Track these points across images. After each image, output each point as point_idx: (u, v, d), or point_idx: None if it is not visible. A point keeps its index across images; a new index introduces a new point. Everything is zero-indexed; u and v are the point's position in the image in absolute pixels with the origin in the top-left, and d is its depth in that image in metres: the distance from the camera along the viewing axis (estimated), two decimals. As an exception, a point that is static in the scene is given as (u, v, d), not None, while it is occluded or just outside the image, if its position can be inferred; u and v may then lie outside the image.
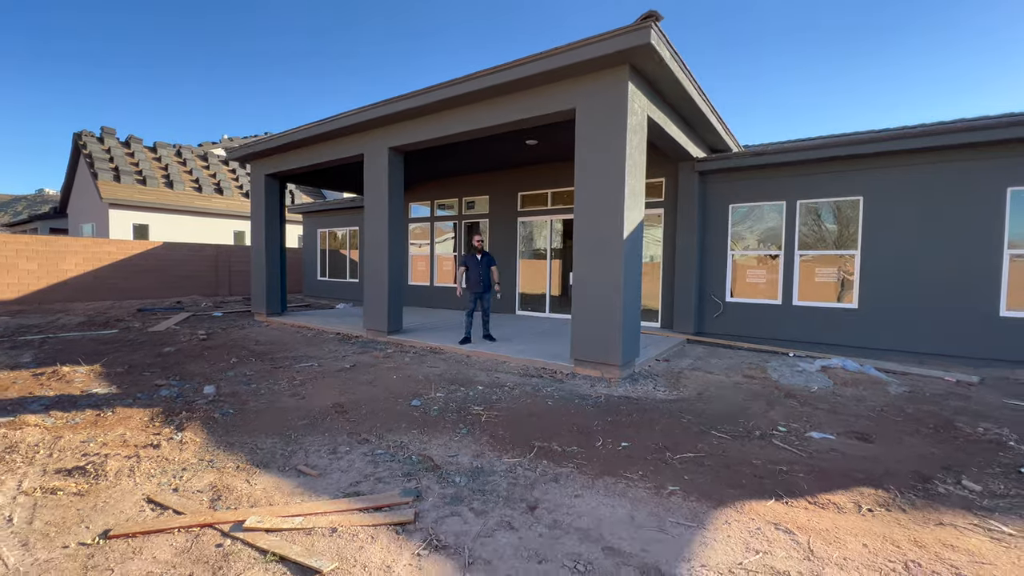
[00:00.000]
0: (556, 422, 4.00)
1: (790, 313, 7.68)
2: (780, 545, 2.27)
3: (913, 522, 2.50)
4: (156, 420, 4.00)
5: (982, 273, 6.31)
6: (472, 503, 2.66)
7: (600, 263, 5.44)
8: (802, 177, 7.51)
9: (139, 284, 14.35)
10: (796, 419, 4.14)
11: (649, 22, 4.69)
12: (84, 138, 17.96)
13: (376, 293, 7.95)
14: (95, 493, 2.76)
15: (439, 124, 6.95)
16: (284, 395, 4.78)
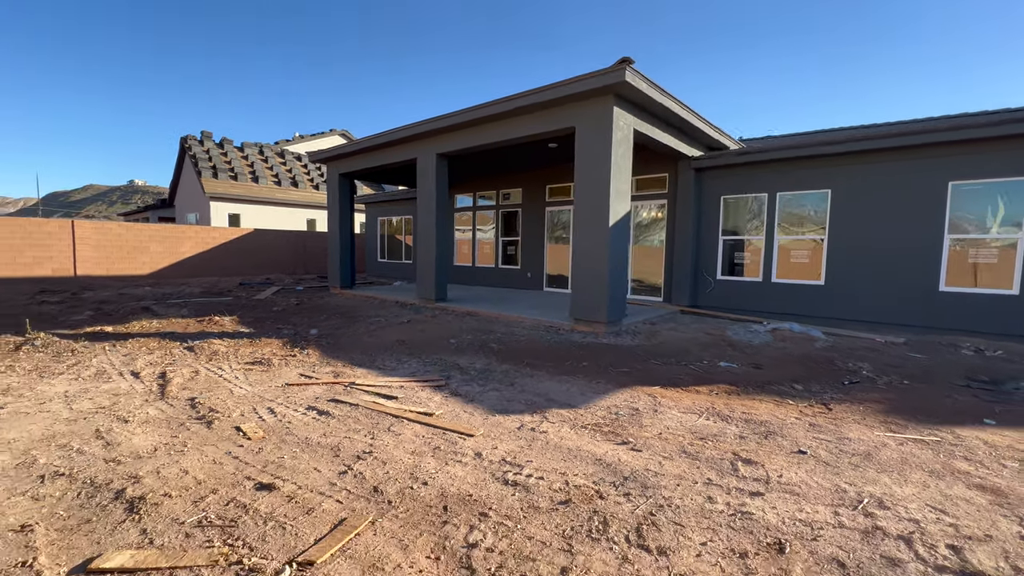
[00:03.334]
0: (543, 352, 5.86)
1: (769, 289, 9.02)
2: (643, 401, 4.04)
3: (737, 398, 4.18)
4: (287, 345, 6.23)
5: (927, 254, 7.45)
6: (478, 381, 4.60)
7: (591, 245, 7.17)
8: (780, 172, 8.77)
9: (236, 263, 17.42)
10: (719, 357, 5.76)
11: (624, 65, 6.32)
12: (189, 141, 21.38)
13: (426, 270, 10.05)
14: (271, 371, 4.94)
15: (475, 136, 8.82)
16: (363, 336, 6.93)
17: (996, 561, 1.94)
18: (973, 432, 3.38)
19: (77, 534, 2.09)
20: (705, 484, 2.59)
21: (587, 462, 2.86)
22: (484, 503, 2.37)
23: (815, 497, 2.46)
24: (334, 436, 3.23)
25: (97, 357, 5.36)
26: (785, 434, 3.32)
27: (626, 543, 2.06)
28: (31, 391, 4.12)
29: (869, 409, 3.91)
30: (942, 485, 2.59)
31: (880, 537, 2.11)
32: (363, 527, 2.14)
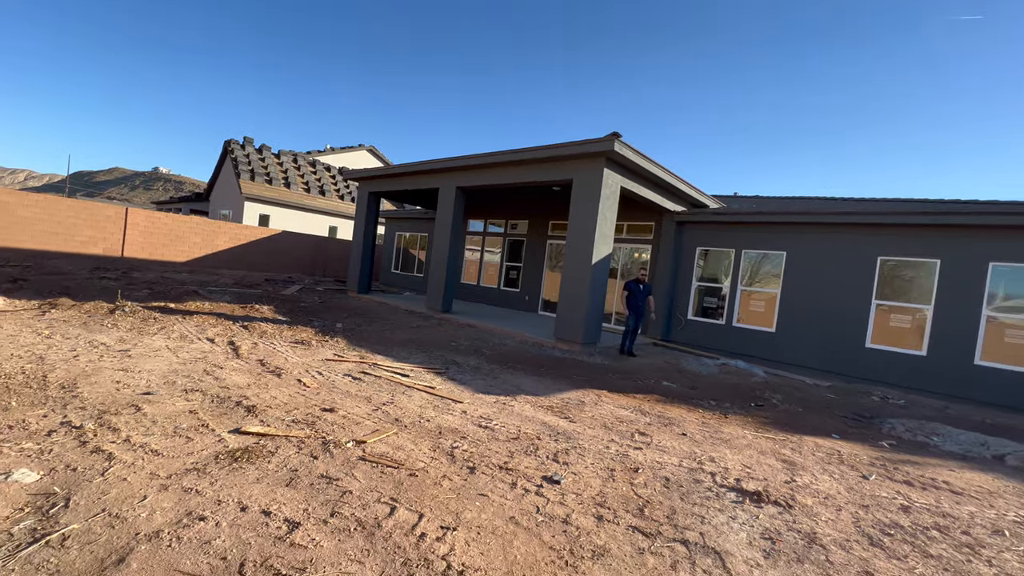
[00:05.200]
0: (526, 359, 7.27)
1: (731, 332, 10.40)
2: (590, 397, 5.44)
3: (661, 404, 5.55)
4: (319, 333, 7.69)
5: (858, 315, 8.84)
6: (470, 373, 6.01)
7: (576, 277, 8.65)
8: (746, 233, 10.27)
9: (262, 260, 19.03)
10: (666, 379, 7.13)
11: (614, 138, 7.92)
12: (232, 144, 23.36)
13: (436, 284, 11.55)
14: (310, 350, 6.38)
15: (490, 176, 10.43)
16: (380, 332, 8.38)
17: (756, 484, 3.31)
18: (814, 439, 4.74)
19: (222, 418, 3.52)
20: (608, 441, 3.99)
21: (536, 423, 4.26)
22: (464, 433, 3.79)
23: (674, 453, 3.85)
24: (366, 391, 4.65)
25: (175, 325, 6.84)
26: (680, 425, 4.71)
27: (546, 457, 3.46)
28: (140, 342, 5.59)
29: (755, 420, 5.28)
30: (761, 457, 3.97)
31: (699, 472, 3.49)
32: (390, 433, 3.56)
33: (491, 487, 2.91)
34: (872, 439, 5.04)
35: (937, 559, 2.64)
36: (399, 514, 2.47)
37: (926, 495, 3.57)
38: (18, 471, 2.43)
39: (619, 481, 3.22)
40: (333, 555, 2.08)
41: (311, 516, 2.36)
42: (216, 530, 2.16)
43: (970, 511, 3.34)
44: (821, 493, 3.37)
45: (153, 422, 3.28)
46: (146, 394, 3.83)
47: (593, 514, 2.73)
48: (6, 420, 3.04)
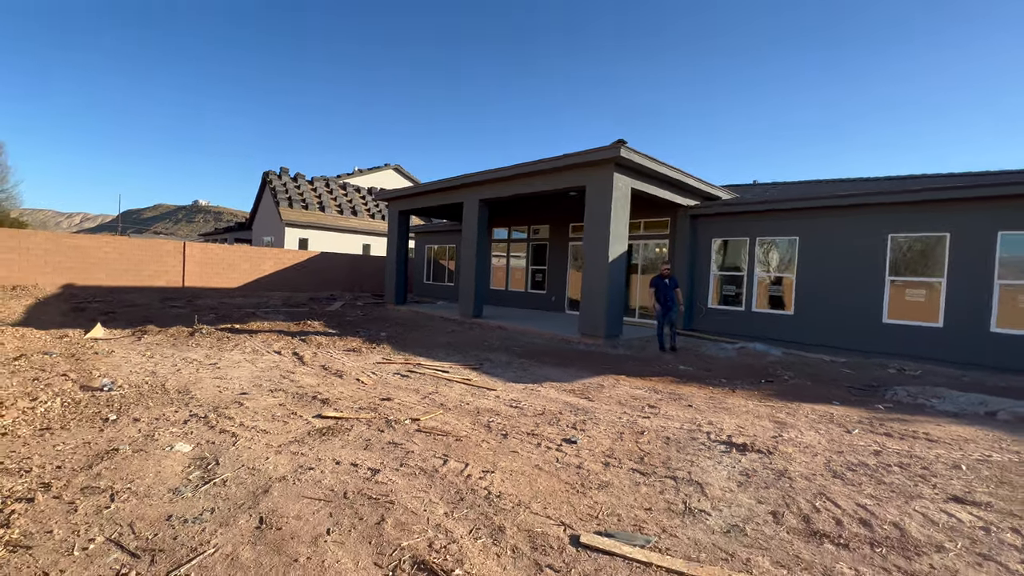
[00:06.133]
0: (553, 353, 7.99)
1: (751, 317, 10.80)
2: (609, 381, 6.11)
3: (674, 384, 6.16)
4: (366, 342, 8.63)
5: (873, 293, 9.13)
6: (501, 367, 6.79)
7: (595, 276, 9.31)
8: (757, 221, 10.67)
9: (305, 281, 20.45)
10: (684, 363, 7.70)
11: (619, 145, 8.58)
12: (270, 175, 25.14)
13: (466, 292, 12.41)
14: (362, 355, 7.31)
15: (509, 187, 11.23)
16: (420, 338, 9.27)
17: (745, 438, 3.92)
18: (812, 406, 5.27)
19: (305, 408, 4.41)
20: (620, 413, 4.67)
21: (559, 403, 4.98)
22: (497, 411, 4.56)
23: (677, 419, 4.50)
24: (413, 385, 5.50)
25: (246, 342, 7.92)
26: (688, 399, 5.33)
27: (566, 426, 4.19)
28: (223, 357, 6.63)
29: (761, 393, 5.83)
30: (756, 420, 4.56)
31: (697, 432, 4.14)
32: (437, 414, 4.37)
33: (520, 447, 3.66)
34: (871, 404, 5.51)
35: (888, 485, 3.21)
36: (450, 464, 3.26)
37: (901, 443, 4.09)
38: (177, 444, 3.36)
39: (626, 441, 3.91)
40: (406, 488, 2.88)
41: (386, 466, 3.17)
42: (322, 475, 3.00)
43: (937, 453, 3.86)
44: (802, 444, 3.96)
45: (255, 412, 4.20)
46: (243, 394, 4.79)
47: (601, 462, 3.44)
48: (152, 415, 4.01)
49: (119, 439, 3.46)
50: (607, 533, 2.48)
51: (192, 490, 2.75)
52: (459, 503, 2.74)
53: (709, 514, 2.75)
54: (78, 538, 2.26)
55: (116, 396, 4.49)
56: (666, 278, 8.96)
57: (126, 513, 2.49)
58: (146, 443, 3.41)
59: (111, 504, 2.57)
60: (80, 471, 2.94)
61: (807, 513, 2.79)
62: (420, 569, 2.11)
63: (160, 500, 2.64)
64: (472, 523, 2.53)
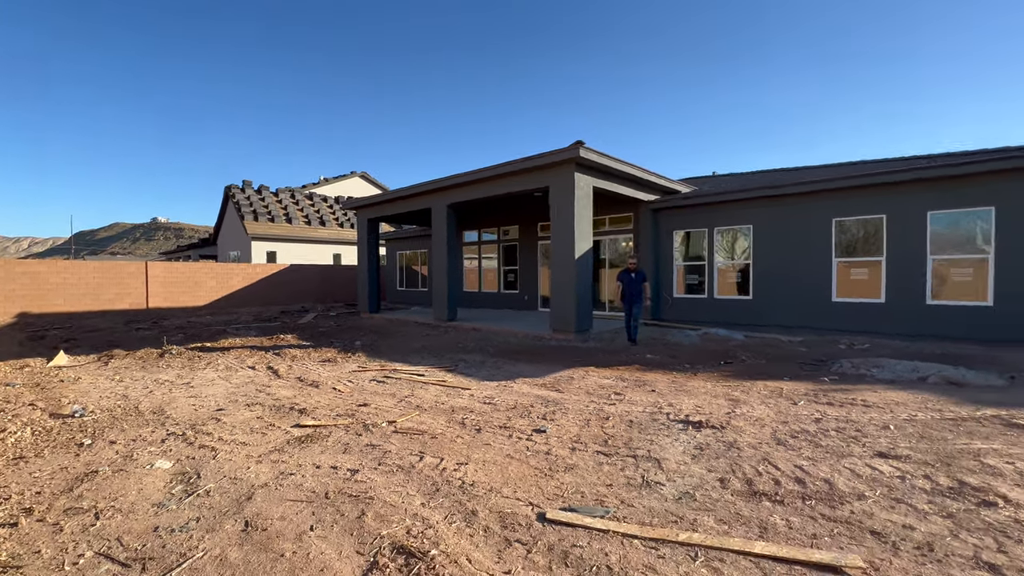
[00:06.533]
0: (526, 351, 8.23)
1: (713, 304, 11.31)
2: (579, 373, 6.39)
3: (640, 372, 6.49)
4: (341, 351, 8.69)
5: (822, 274, 9.72)
6: (476, 366, 6.99)
7: (563, 273, 9.60)
8: (715, 212, 11.19)
9: (275, 294, 20.14)
10: (650, 351, 8.06)
11: (578, 145, 8.90)
12: (232, 189, 24.60)
13: (439, 296, 12.54)
14: (337, 365, 7.39)
15: (476, 190, 11.43)
16: (395, 345, 9.37)
17: (701, 416, 4.25)
18: (764, 383, 5.67)
19: (283, 419, 4.52)
20: (588, 402, 4.95)
21: (531, 397, 5.23)
22: (471, 408, 4.76)
23: (640, 404, 4.80)
24: (390, 390, 5.65)
25: (218, 360, 7.88)
26: (652, 385, 5.65)
27: (537, 417, 4.43)
28: (196, 376, 6.62)
29: (720, 374, 6.21)
30: (713, 399, 4.91)
31: (658, 414, 4.44)
32: (413, 415, 4.54)
33: (493, 439, 3.88)
34: (818, 378, 5.95)
35: (824, 447, 3.57)
36: (426, 459, 3.45)
37: (840, 410, 4.50)
38: (157, 462, 3.44)
39: (592, 426, 4.18)
40: (384, 485, 3.06)
41: (365, 466, 3.34)
42: (303, 479, 3.15)
43: (871, 417, 4.27)
44: (752, 418, 4.31)
45: (233, 426, 4.29)
46: (219, 410, 4.85)
47: (569, 447, 3.69)
48: (128, 436, 4.05)
49: (97, 462, 3.52)
50: (571, 508, 2.72)
51: (176, 503, 2.86)
52: (435, 494, 2.94)
53: (664, 485, 3.03)
54: (67, 555, 2.36)
55: (88, 421, 4.49)
56: (633, 272, 9.08)
57: (112, 528, 2.60)
58: (125, 463, 3.48)
59: (96, 522, 2.67)
60: (61, 494, 3.00)
61: (750, 477, 3.10)
62: (399, 553, 2.30)
63: (145, 514, 2.75)
64: (447, 510, 2.73)
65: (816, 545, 2.33)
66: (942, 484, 2.94)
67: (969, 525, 2.49)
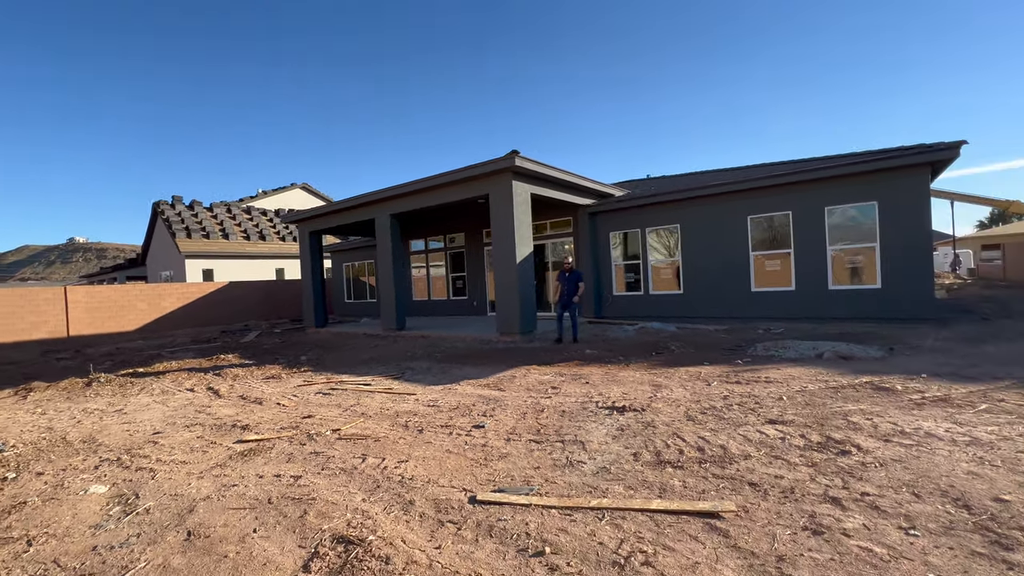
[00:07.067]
0: (473, 355, 8.49)
1: (649, 299, 12.04)
2: (521, 371, 6.73)
3: (578, 366, 6.92)
4: (286, 367, 8.59)
5: (741, 266, 10.64)
6: (422, 372, 7.17)
7: (506, 277, 9.95)
8: (646, 214, 11.95)
9: (214, 314, 19.25)
10: (590, 347, 8.54)
11: (514, 155, 9.30)
12: (161, 206, 23.26)
13: (387, 306, 12.56)
14: (282, 381, 7.34)
15: (418, 200, 11.59)
16: (341, 358, 9.36)
17: (626, 401, 4.69)
18: (687, 368, 6.24)
19: (224, 436, 4.54)
20: (527, 397, 5.28)
21: (473, 397, 5.50)
22: (415, 412, 4.98)
23: (574, 395, 5.19)
24: (335, 400, 5.74)
25: (153, 384, 7.60)
26: (587, 378, 6.08)
27: (477, 415, 4.71)
28: (128, 403, 6.39)
29: (650, 364, 6.74)
30: (639, 386, 5.38)
31: (588, 403, 4.84)
32: (358, 421, 4.70)
33: (434, 438, 4.13)
34: (733, 361, 6.61)
35: (726, 420, 4.08)
36: (368, 461, 3.65)
37: (746, 387, 5.08)
38: (92, 487, 3.42)
39: (528, 418, 4.51)
40: (327, 486, 3.23)
41: (308, 472, 3.49)
42: (246, 489, 3.26)
43: (770, 391, 4.87)
44: (671, 399, 4.80)
45: (172, 447, 4.27)
46: (156, 433, 4.78)
47: (504, 439, 4.00)
48: (57, 467, 3.96)
49: (24, 494, 3.45)
50: (499, 490, 3.02)
51: (115, 523, 2.91)
52: (375, 490, 3.15)
53: (585, 463, 3.39)
54: (1, 581, 2.39)
55: (10, 456, 4.31)
56: (568, 271, 9.41)
57: (47, 553, 2.63)
58: (56, 492, 3.43)
59: (29, 548, 2.68)
60: (-13, 527, 2.96)
61: (659, 449, 3.53)
62: (339, 542, 2.51)
63: (82, 536, 2.78)
64: (386, 503, 2.96)
65: (703, 498, 2.76)
66: (813, 441, 3.49)
67: (826, 470, 3.01)
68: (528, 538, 2.45)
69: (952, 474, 2.85)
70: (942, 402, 4.20)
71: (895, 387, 4.70)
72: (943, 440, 3.35)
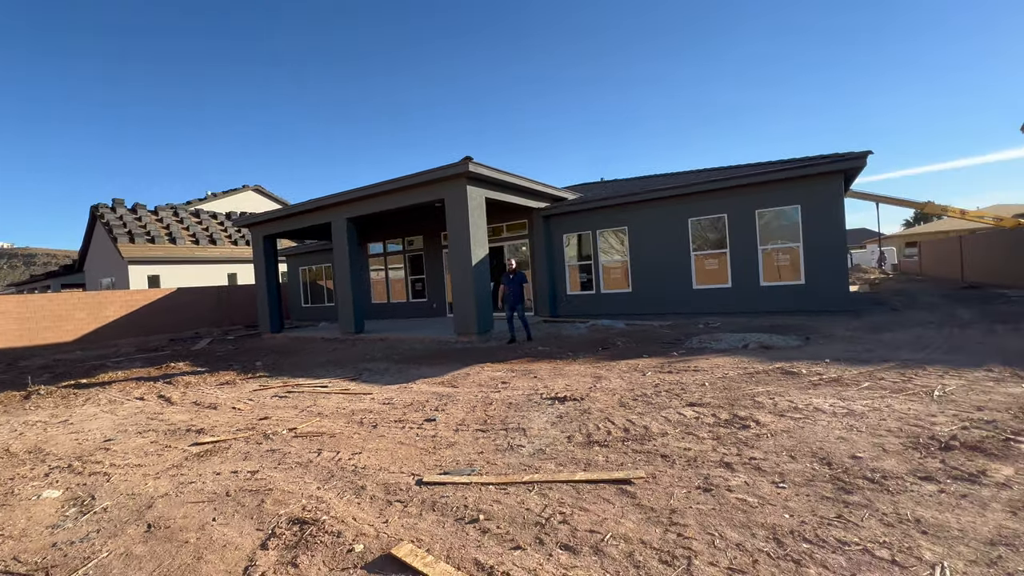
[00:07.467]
0: (430, 355, 8.75)
1: (601, 298, 12.64)
2: (475, 369, 7.06)
3: (530, 363, 7.32)
4: (240, 374, 8.56)
5: (684, 265, 11.38)
6: (379, 373, 7.38)
7: (462, 279, 10.26)
8: (597, 216, 12.55)
9: (161, 322, 18.52)
10: (542, 345, 8.97)
11: (467, 161, 9.62)
12: (101, 209, 22.08)
13: (345, 310, 12.59)
14: (237, 386, 7.36)
15: (375, 204, 11.71)
16: (299, 362, 9.39)
17: (568, 392, 5.11)
18: (627, 361, 6.76)
19: (180, 440, 4.63)
20: (479, 393, 5.62)
21: (427, 394, 5.79)
22: (371, 409, 5.22)
23: (522, 389, 5.58)
24: (292, 403, 5.89)
25: (99, 394, 7.43)
26: (535, 373, 6.49)
27: (430, 410, 5.01)
28: (74, 413, 6.28)
29: (596, 358, 7.23)
30: (581, 378, 5.83)
31: (534, 395, 5.24)
32: (314, 420, 4.90)
33: (387, 432, 4.40)
34: (670, 353, 7.19)
35: (653, 404, 4.56)
36: (323, 454, 3.89)
37: (676, 376, 5.62)
38: (45, 492, 3.50)
39: (477, 411, 4.85)
40: (283, 479, 3.46)
41: (265, 467, 3.70)
42: (204, 485, 3.44)
43: (695, 378, 5.42)
44: (608, 389, 5.26)
45: (126, 453, 4.34)
46: (107, 440, 4.81)
47: (453, 430, 4.33)
48: (4, 476, 3.97)
49: (-28, 503, 3.48)
50: (444, 472, 3.35)
51: (72, 522, 3.04)
52: (330, 479, 3.41)
53: (524, 447, 3.77)
54: (-39, 579, 2.51)
55: (-49, 469, 4.26)
56: (512, 274, 9.60)
57: (6, 552, 2.74)
58: (6, 499, 3.49)
59: (-13, 549, 2.78)
60: (-62, 534, 3.02)
61: (591, 432, 3.95)
62: (294, 523, 2.77)
63: (39, 536, 2.90)
64: (340, 489, 3.23)
65: (621, 470, 3.18)
66: (722, 419, 4.00)
67: (726, 442, 3.51)
68: (466, 509, 2.80)
69: (825, 440, 3.41)
70: (834, 382, 4.85)
71: (800, 371, 5.35)
72: (826, 413, 3.94)
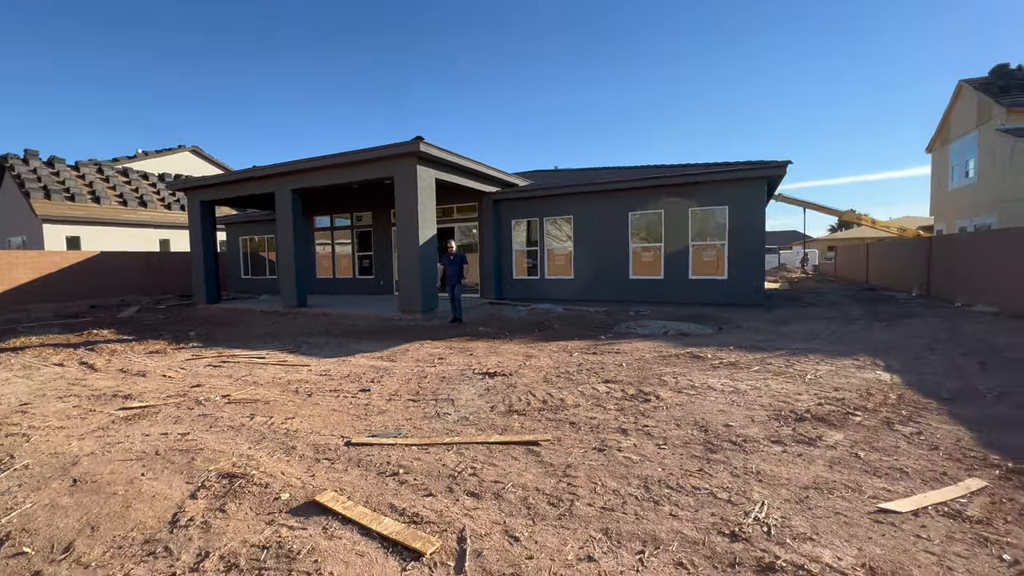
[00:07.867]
0: (372, 331, 8.88)
1: (545, 283, 13.14)
2: (415, 346, 7.31)
3: (469, 341, 7.65)
4: (172, 343, 8.34)
5: (623, 256, 12.05)
6: (319, 347, 7.46)
7: (409, 258, 10.38)
8: (545, 204, 12.95)
9: (82, 287, 17.26)
10: (485, 325, 9.32)
11: (418, 141, 9.67)
12: (10, 160, 19.99)
13: (287, 282, 12.36)
14: (168, 356, 7.21)
15: (322, 177, 11.49)
16: (235, 333, 9.23)
17: (499, 368, 5.49)
18: (559, 343, 7.25)
19: (105, 405, 4.61)
20: (414, 367, 5.90)
21: (366, 367, 5.99)
22: (307, 380, 5.37)
23: (456, 364, 5.91)
24: (227, 372, 5.91)
25: (11, 360, 7.04)
26: (472, 351, 6.83)
27: (366, 381, 5.23)
28: (-16, 377, 5.96)
29: (531, 339, 7.67)
30: (514, 357, 6.24)
31: (467, 370, 5.58)
32: (249, 388, 5.00)
33: (322, 400, 4.60)
34: (599, 336, 7.75)
35: (573, 381, 5.03)
36: (256, 419, 4.05)
37: (598, 357, 6.14)
38: (-42, 451, 3.45)
39: (411, 383, 5.14)
40: (215, 440, 3.61)
41: (196, 430, 3.82)
42: (132, 444, 3.53)
43: (615, 360, 5.95)
44: (536, 366, 5.69)
45: (45, 416, 4.29)
46: (24, 404, 4.69)
47: (386, 399, 4.59)
48: (-91, 436, 3.84)
49: None
50: (372, 435, 3.63)
51: (-8, 477, 3.07)
52: (261, 440, 3.60)
53: (450, 415, 4.11)
54: None
55: None
56: (452, 255, 9.77)
57: (-80, 505, 2.76)
58: (-86, 458, 3.42)
59: (-103, 503, 2.79)
60: None
61: (512, 403, 4.35)
62: (223, 477, 2.97)
63: (-44, 490, 2.92)
64: (271, 450, 3.43)
65: (532, 434, 3.59)
66: (629, 393, 4.52)
67: (627, 412, 4.00)
68: (388, 465, 3.10)
69: (708, 412, 3.98)
70: (731, 366, 5.53)
71: (706, 356, 6.02)
72: (716, 391, 4.55)
